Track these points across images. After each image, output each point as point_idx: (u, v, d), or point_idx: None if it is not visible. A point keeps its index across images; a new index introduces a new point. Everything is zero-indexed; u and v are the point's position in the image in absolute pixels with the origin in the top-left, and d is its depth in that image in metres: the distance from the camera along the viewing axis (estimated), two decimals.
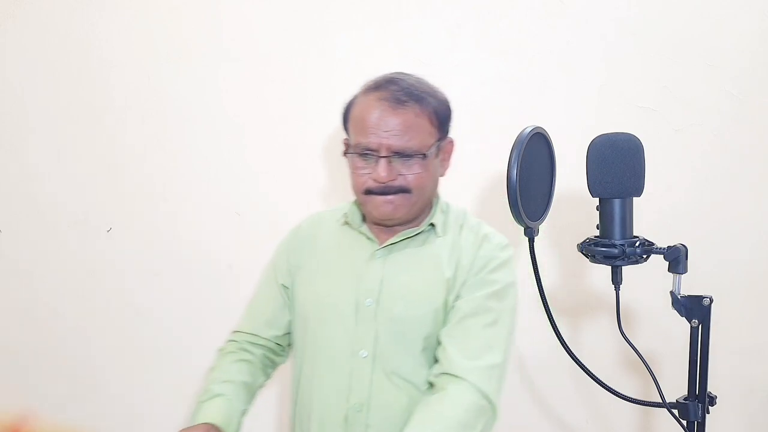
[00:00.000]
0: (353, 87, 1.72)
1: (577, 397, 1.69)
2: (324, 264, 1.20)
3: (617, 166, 0.95)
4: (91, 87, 1.81)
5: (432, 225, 1.16)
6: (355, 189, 1.13)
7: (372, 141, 1.07)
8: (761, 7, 1.54)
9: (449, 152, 1.20)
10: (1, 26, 1.82)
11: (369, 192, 1.10)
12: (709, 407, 0.98)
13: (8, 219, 1.89)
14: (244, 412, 1.16)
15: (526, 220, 0.96)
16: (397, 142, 1.06)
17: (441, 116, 1.13)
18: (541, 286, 1.02)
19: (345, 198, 1.75)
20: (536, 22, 1.63)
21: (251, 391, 1.20)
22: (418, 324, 1.11)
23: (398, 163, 1.08)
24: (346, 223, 1.21)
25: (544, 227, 1.12)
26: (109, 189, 1.83)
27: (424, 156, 1.08)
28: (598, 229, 0.99)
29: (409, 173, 1.08)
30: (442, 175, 1.19)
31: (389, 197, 1.09)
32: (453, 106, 1.20)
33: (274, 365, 1.28)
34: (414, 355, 1.11)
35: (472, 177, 1.67)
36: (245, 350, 1.24)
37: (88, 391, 1.89)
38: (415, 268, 1.14)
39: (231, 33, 1.74)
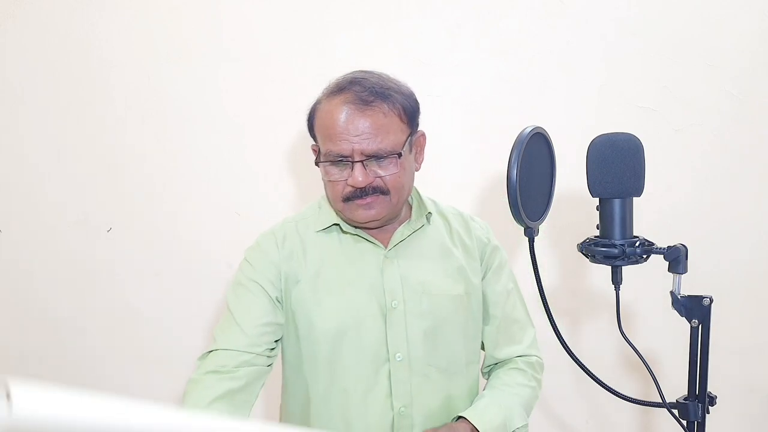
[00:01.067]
0: None
1: (577, 397, 1.69)
2: (332, 277, 1.12)
3: (617, 166, 0.94)
4: (91, 87, 1.81)
5: (427, 215, 1.17)
6: (332, 198, 1.10)
7: (344, 147, 1.03)
8: (761, 7, 1.54)
9: (422, 145, 1.16)
10: (1, 26, 1.82)
11: (348, 199, 1.07)
12: (709, 407, 0.98)
13: (8, 219, 1.89)
14: None
15: (526, 220, 0.96)
16: (370, 146, 1.03)
17: (409, 111, 1.09)
18: (541, 286, 1.02)
19: None
20: (536, 22, 1.63)
21: None
22: (446, 315, 1.13)
23: (374, 166, 1.05)
24: (344, 231, 1.14)
25: (544, 227, 1.12)
26: (109, 189, 1.83)
27: (399, 155, 1.05)
28: (598, 229, 0.99)
29: (386, 174, 1.06)
30: (417, 170, 1.16)
31: (367, 200, 1.06)
32: (455, 106, 1.22)
33: (262, 381, 1.12)
34: (448, 345, 1.14)
35: (472, 177, 1.67)
36: (230, 376, 1.05)
37: (88, 390, 1.90)
38: (428, 262, 1.15)
39: (231, 33, 1.74)
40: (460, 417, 1.09)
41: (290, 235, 1.16)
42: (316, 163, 1.10)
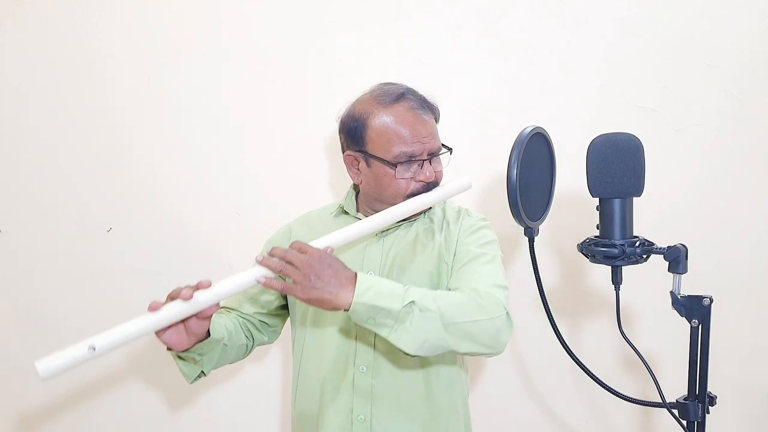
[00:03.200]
0: (353, 87, 1.72)
1: (577, 397, 1.69)
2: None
3: (617, 166, 0.95)
4: (91, 87, 1.81)
5: (425, 210, 1.26)
6: (394, 194, 1.20)
7: (416, 148, 1.17)
8: (761, 7, 1.54)
9: None
10: (1, 26, 1.82)
11: (411, 194, 1.20)
12: (709, 407, 0.98)
13: (8, 219, 1.89)
14: (221, 339, 1.17)
15: (526, 220, 0.96)
16: (435, 144, 1.20)
17: (438, 119, 1.27)
18: (541, 286, 1.02)
19: (343, 197, 1.75)
20: (536, 22, 1.63)
21: (230, 332, 1.22)
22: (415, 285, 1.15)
23: (432, 163, 1.21)
24: (344, 212, 1.30)
25: (544, 227, 1.12)
26: (109, 189, 1.83)
27: (450, 151, 1.24)
28: (598, 229, 0.99)
29: (439, 169, 1.23)
30: None
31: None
32: (455, 106, 1.28)
33: (252, 338, 1.31)
34: None
35: (472, 177, 1.67)
36: (224, 315, 1.29)
37: (88, 391, 1.89)
38: (410, 243, 1.24)
39: (231, 33, 1.74)
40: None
41: (303, 223, 1.35)
42: (391, 164, 1.19)
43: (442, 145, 1.23)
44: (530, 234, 1.00)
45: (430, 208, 1.28)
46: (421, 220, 1.28)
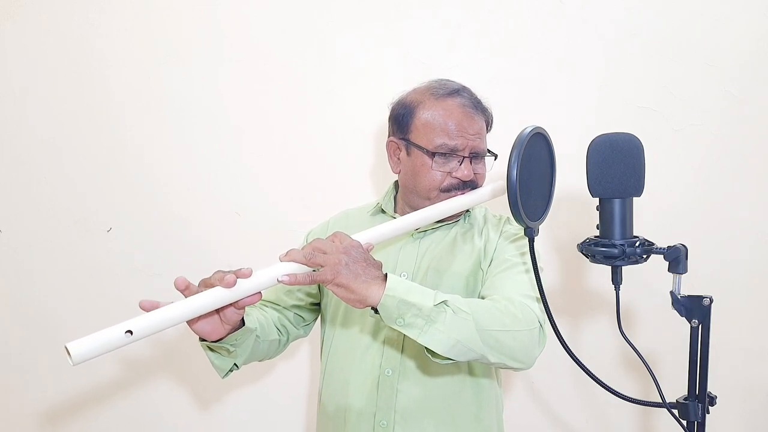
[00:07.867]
0: (353, 87, 1.73)
1: (577, 397, 1.69)
2: None
3: (617, 166, 0.94)
4: (91, 87, 1.81)
5: (467, 211, 1.26)
6: (429, 186, 1.19)
7: (459, 143, 1.17)
8: (761, 7, 1.54)
9: None
10: (1, 26, 1.82)
11: (446, 190, 1.19)
12: (709, 407, 0.97)
13: (8, 219, 1.89)
14: (254, 330, 1.13)
15: (526, 220, 0.96)
16: (480, 145, 1.20)
17: (490, 125, 1.28)
18: (541, 286, 1.02)
19: (344, 197, 1.75)
20: (536, 22, 1.63)
21: (261, 326, 1.19)
22: (449, 290, 1.13)
23: (473, 163, 1.20)
24: (382, 211, 1.29)
25: (544, 227, 1.12)
26: (109, 189, 1.83)
27: (496, 157, 1.25)
28: (598, 229, 0.99)
29: (480, 172, 1.23)
30: None
31: (465, 191, 1.20)
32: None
33: (287, 332, 1.28)
34: None
35: None
36: (261, 309, 1.28)
37: (88, 391, 1.89)
38: (447, 245, 1.23)
39: (231, 33, 1.74)
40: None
41: (341, 219, 1.34)
42: (430, 154, 1.19)
43: (488, 150, 1.24)
44: (530, 234, 1.00)
45: (468, 211, 1.26)
46: (460, 224, 1.26)
